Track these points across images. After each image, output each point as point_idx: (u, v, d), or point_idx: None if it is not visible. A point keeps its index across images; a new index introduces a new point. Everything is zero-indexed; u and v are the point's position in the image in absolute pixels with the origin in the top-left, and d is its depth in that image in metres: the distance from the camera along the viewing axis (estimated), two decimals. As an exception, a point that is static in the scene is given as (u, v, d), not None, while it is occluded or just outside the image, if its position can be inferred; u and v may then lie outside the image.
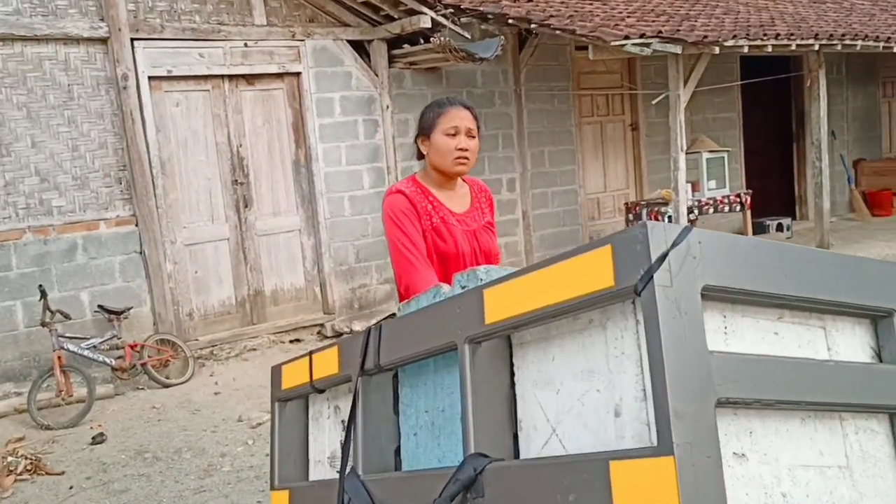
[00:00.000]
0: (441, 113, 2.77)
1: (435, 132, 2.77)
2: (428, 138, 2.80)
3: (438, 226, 2.79)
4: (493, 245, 2.95)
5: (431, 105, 2.86)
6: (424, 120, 2.82)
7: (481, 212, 2.95)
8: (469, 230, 2.86)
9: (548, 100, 9.47)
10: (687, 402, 1.26)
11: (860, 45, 9.14)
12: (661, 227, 1.33)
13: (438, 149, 2.77)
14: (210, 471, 4.99)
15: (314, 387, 2.27)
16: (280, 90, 7.70)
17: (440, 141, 2.76)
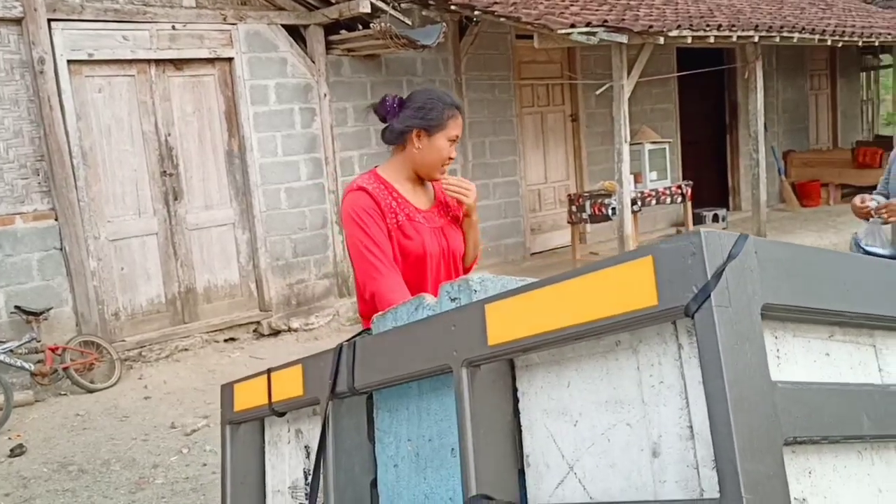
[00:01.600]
0: (452, 116, 2.56)
1: (439, 134, 2.55)
2: (429, 136, 2.55)
3: (404, 224, 2.54)
4: (462, 241, 2.73)
5: (439, 100, 2.58)
6: (433, 116, 2.54)
7: (447, 206, 2.72)
8: (436, 227, 2.64)
9: (488, 89, 9.27)
10: (754, 445, 1.05)
11: (797, 38, 9.21)
12: (717, 236, 1.11)
13: (434, 151, 2.56)
14: (142, 484, 4.65)
15: (274, 409, 2.00)
16: (211, 76, 7.29)
17: (441, 145, 2.56)
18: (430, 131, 2.53)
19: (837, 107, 14.98)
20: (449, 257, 2.66)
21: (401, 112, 2.58)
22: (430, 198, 2.70)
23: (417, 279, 2.53)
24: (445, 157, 2.58)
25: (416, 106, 2.56)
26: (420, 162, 2.58)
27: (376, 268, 2.44)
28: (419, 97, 2.59)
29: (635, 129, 9.84)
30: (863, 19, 11.94)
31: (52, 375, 6.15)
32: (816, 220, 12.04)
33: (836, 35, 9.78)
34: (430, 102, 2.55)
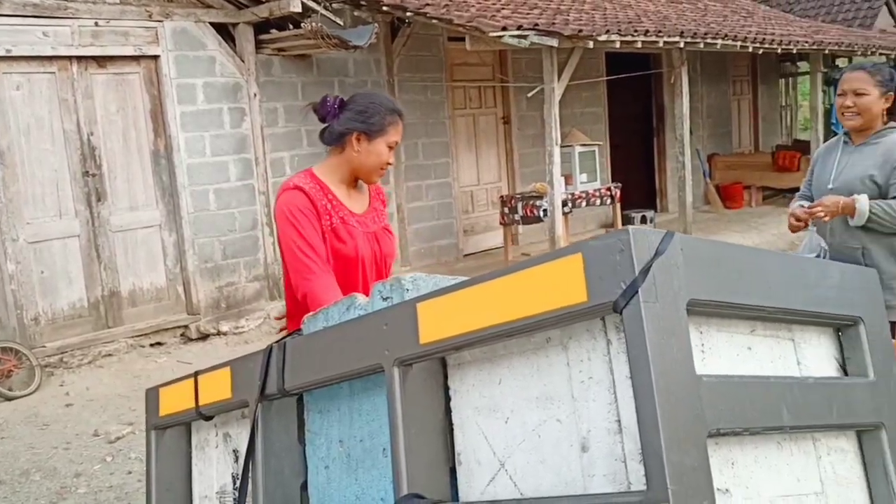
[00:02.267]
0: (393, 122, 2.56)
1: (380, 139, 2.54)
2: (369, 140, 2.53)
3: (337, 226, 2.52)
4: (394, 249, 2.74)
5: (380, 105, 2.57)
6: (375, 121, 2.53)
7: (380, 214, 2.73)
8: (369, 232, 2.63)
9: (421, 91, 9.27)
10: (679, 438, 1.08)
11: (720, 44, 9.46)
12: (644, 233, 1.13)
13: (373, 155, 2.55)
14: (63, 493, 4.49)
15: (201, 413, 1.96)
16: (136, 74, 7.10)
17: (380, 149, 2.55)
18: (371, 136, 2.52)
19: (758, 112, 15.46)
20: (381, 262, 2.66)
21: (341, 114, 2.56)
22: (365, 202, 2.70)
23: (348, 283, 2.51)
24: (384, 161, 2.57)
25: (357, 109, 2.54)
26: (358, 165, 2.56)
27: (309, 268, 2.41)
28: (361, 100, 2.57)
29: (566, 131, 9.97)
30: (782, 27, 12.35)
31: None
32: (739, 221, 12.38)
33: (756, 42, 10.09)
34: (373, 107, 2.54)
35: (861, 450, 1.48)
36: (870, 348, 1.48)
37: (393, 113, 2.56)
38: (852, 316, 1.48)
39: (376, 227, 2.68)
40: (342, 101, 2.59)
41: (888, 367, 1.51)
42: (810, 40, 11.41)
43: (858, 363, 1.49)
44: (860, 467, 1.47)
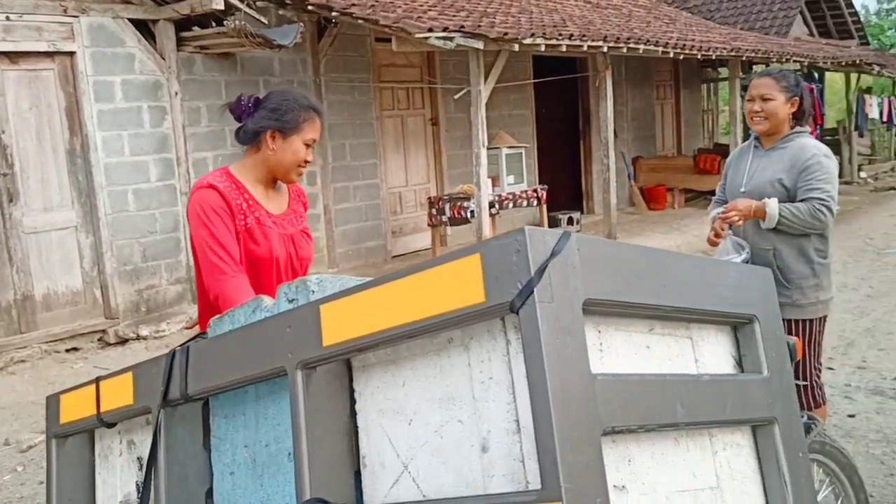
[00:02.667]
0: (309, 119, 2.52)
1: (295, 136, 2.50)
2: (284, 138, 2.49)
3: (252, 227, 2.47)
4: (311, 252, 2.69)
5: (295, 102, 2.53)
6: (289, 118, 2.49)
7: (298, 216, 2.68)
8: (286, 234, 2.58)
9: (348, 91, 9.21)
10: (573, 437, 1.09)
11: (643, 49, 9.66)
12: (540, 234, 1.14)
13: (289, 153, 2.51)
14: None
15: (103, 420, 1.90)
16: (50, 71, 6.87)
17: (296, 147, 2.51)
18: (285, 133, 2.48)
19: (681, 116, 15.86)
20: (296, 265, 2.61)
21: (256, 112, 2.52)
22: (284, 203, 2.65)
23: (261, 285, 2.47)
24: (301, 159, 2.53)
25: (271, 107, 2.50)
26: (274, 163, 2.52)
27: (222, 269, 2.36)
28: (275, 98, 2.54)
29: (493, 133, 10.04)
30: (702, 34, 12.69)
31: None
32: (663, 222, 12.66)
33: (677, 48, 10.34)
34: (287, 104, 2.51)
35: (756, 444, 1.52)
36: (764, 346, 1.53)
37: (309, 110, 2.52)
38: (748, 314, 1.52)
39: (294, 229, 2.63)
40: (257, 100, 2.54)
41: (782, 363, 1.56)
42: (728, 47, 11.75)
43: (753, 360, 1.53)
44: (755, 461, 1.51)
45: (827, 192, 3.27)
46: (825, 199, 3.25)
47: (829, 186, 3.29)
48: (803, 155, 3.33)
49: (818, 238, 3.37)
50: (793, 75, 3.43)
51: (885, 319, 6.64)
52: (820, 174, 3.29)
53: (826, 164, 3.32)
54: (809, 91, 3.42)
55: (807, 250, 3.36)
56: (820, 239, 3.38)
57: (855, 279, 8.28)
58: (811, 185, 3.28)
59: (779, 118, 3.37)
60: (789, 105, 3.35)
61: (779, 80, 3.37)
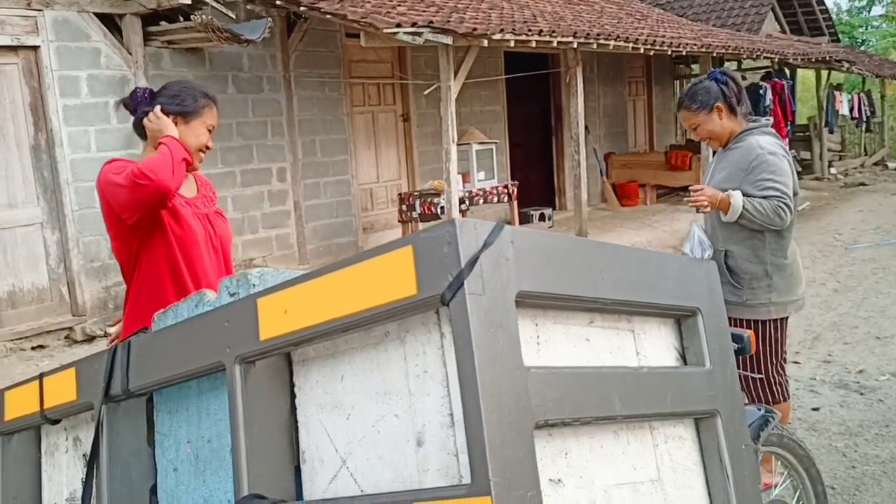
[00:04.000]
0: (208, 105, 2.64)
1: (196, 121, 2.60)
2: (185, 122, 2.57)
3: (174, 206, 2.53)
4: (229, 232, 2.81)
5: (193, 89, 2.64)
6: (189, 102, 2.58)
7: (209, 199, 2.80)
8: (200, 213, 2.68)
9: (318, 87, 9.16)
10: (504, 430, 1.08)
11: (613, 45, 9.70)
12: (472, 225, 1.13)
13: (192, 137, 2.60)
14: None
15: (46, 417, 1.87)
16: (14, 66, 6.76)
17: (200, 131, 2.62)
18: (187, 117, 2.57)
19: (653, 112, 15.95)
20: (216, 244, 2.72)
21: (151, 101, 2.58)
22: (194, 188, 2.76)
23: (190, 264, 2.57)
24: (203, 143, 2.63)
25: (170, 94, 2.58)
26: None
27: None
28: (174, 86, 2.63)
29: (464, 129, 10.04)
30: (673, 30, 12.76)
31: None
32: (635, 218, 12.73)
33: (648, 44, 10.39)
34: (186, 90, 2.60)
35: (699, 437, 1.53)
36: (707, 338, 1.53)
37: (206, 97, 2.64)
38: (690, 307, 1.52)
39: (207, 209, 2.73)
40: (152, 92, 2.63)
41: (725, 356, 1.57)
42: (699, 43, 11.83)
43: (696, 352, 1.53)
44: (697, 454, 1.52)
45: (781, 191, 3.27)
46: (782, 196, 3.25)
47: (780, 184, 3.29)
48: (748, 157, 3.33)
49: (773, 237, 3.35)
50: (701, 88, 3.41)
51: (850, 314, 6.72)
52: (767, 173, 3.29)
53: (772, 162, 3.31)
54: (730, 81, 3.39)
55: (760, 251, 3.36)
56: (775, 238, 3.36)
57: (823, 274, 8.38)
58: (764, 185, 3.28)
59: (717, 132, 3.40)
60: (716, 114, 3.36)
61: (690, 105, 3.41)
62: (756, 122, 3.43)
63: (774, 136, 3.45)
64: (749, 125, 3.41)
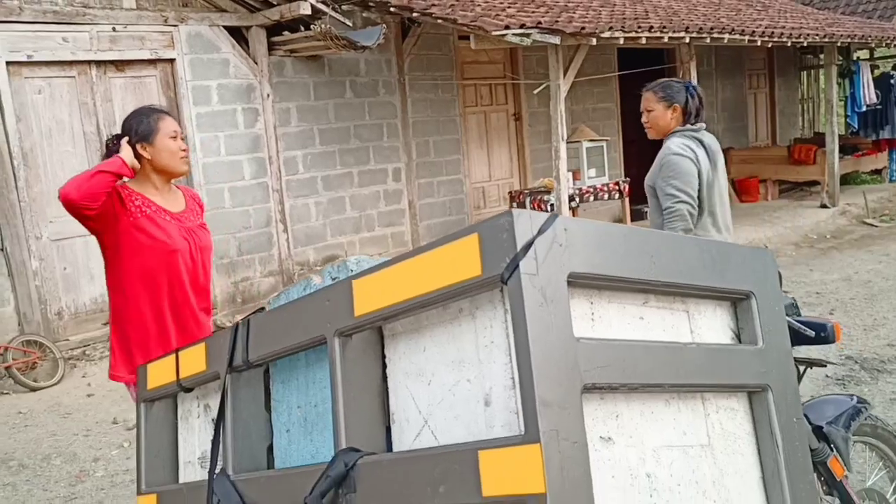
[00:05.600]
0: (159, 118, 2.92)
1: (158, 136, 2.89)
2: (151, 144, 2.88)
3: (142, 220, 2.86)
4: (209, 242, 3.12)
5: (139, 114, 2.94)
6: (142, 127, 2.88)
7: (196, 213, 3.10)
8: (185, 227, 2.99)
9: (432, 89, 9.47)
10: (553, 390, 1.26)
11: (727, 39, 9.54)
12: (528, 215, 1.31)
13: (165, 151, 2.90)
14: (82, 477, 4.74)
15: (181, 385, 2.17)
16: (153, 77, 7.38)
17: (165, 143, 2.90)
18: (149, 138, 2.88)
19: (776, 105, 15.45)
20: (196, 253, 3.01)
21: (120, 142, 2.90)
22: (181, 203, 3.08)
23: (171, 273, 2.91)
24: (176, 150, 2.92)
25: (127, 128, 2.91)
26: (160, 166, 2.92)
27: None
28: (127, 121, 2.94)
29: (575, 127, 10.11)
30: (795, 20, 12.36)
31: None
32: (754, 214, 12.41)
33: (765, 36, 10.14)
34: (136, 118, 2.91)
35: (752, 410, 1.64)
36: (761, 319, 1.65)
37: (153, 112, 2.94)
38: (745, 291, 1.65)
39: (192, 223, 3.04)
40: (118, 135, 2.94)
41: (779, 336, 1.68)
42: (822, 33, 11.42)
43: (750, 332, 1.65)
44: (750, 425, 1.64)
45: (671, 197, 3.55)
46: (670, 206, 3.54)
47: (672, 188, 3.55)
48: (661, 155, 3.64)
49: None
50: (675, 85, 3.73)
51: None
52: (664, 176, 3.60)
53: (671, 163, 3.59)
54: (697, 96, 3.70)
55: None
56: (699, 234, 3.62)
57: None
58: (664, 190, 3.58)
59: (660, 125, 3.72)
60: (670, 111, 3.68)
61: (657, 91, 3.74)
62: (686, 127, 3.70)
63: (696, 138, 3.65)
64: (679, 127, 3.70)
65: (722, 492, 1.52)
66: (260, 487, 1.81)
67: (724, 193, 3.81)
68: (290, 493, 1.65)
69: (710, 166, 3.65)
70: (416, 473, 1.41)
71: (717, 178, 3.72)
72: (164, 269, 2.90)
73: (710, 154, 3.68)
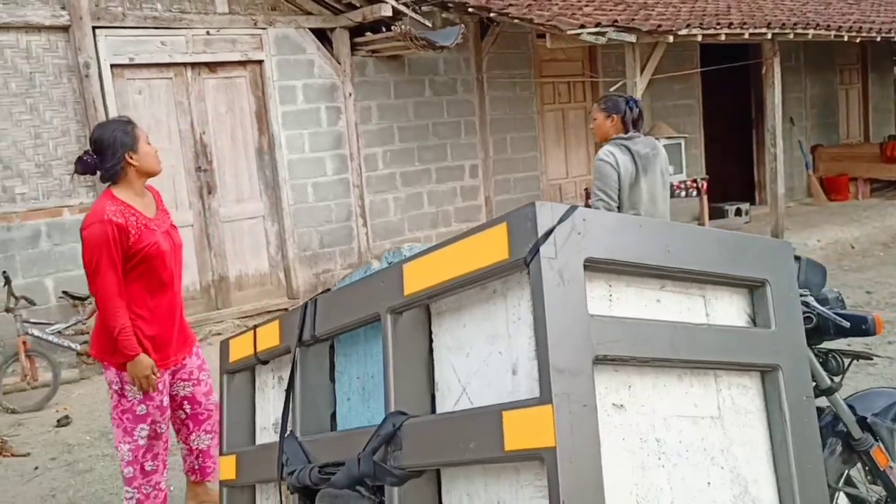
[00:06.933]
0: (135, 128, 3.32)
1: (140, 143, 3.28)
2: (136, 151, 3.26)
3: (143, 232, 3.24)
4: (181, 239, 3.54)
5: (114, 127, 3.29)
6: (127, 138, 3.24)
7: (165, 214, 3.47)
8: (164, 231, 3.38)
9: (510, 87, 9.63)
10: (566, 359, 1.44)
11: (812, 34, 9.38)
12: (549, 207, 1.50)
13: (148, 156, 3.31)
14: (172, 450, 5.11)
15: (258, 358, 2.43)
16: (243, 78, 7.79)
17: (147, 149, 3.31)
18: (134, 146, 3.26)
19: (869, 101, 14.97)
20: (177, 251, 3.44)
21: (102, 157, 3.25)
22: (153, 207, 3.42)
23: (162, 272, 3.33)
24: (154, 152, 3.35)
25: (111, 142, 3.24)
26: (146, 169, 3.31)
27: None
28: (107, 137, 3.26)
29: (652, 124, 10.11)
30: (889, 14, 11.99)
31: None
32: (842, 213, 12.11)
33: (853, 31, 9.92)
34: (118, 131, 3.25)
35: (764, 388, 1.78)
36: (775, 304, 1.78)
37: (127, 124, 3.32)
38: (760, 278, 1.78)
39: (167, 225, 3.42)
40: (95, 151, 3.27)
41: (792, 321, 1.81)
42: (916, 27, 11.07)
43: (764, 317, 1.79)
44: (761, 401, 1.77)
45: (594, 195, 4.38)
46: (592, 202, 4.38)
47: (595, 188, 4.36)
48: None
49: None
50: (616, 100, 4.49)
51: None
52: (595, 179, 4.36)
53: (596, 167, 4.36)
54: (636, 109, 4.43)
55: None
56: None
57: None
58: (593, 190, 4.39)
59: (602, 132, 4.47)
60: (609, 121, 4.41)
61: (601, 104, 4.52)
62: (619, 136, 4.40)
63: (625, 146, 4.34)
64: (614, 136, 4.40)
65: (730, 459, 1.67)
66: (321, 447, 2.05)
67: (655, 193, 4.48)
68: (346, 451, 1.88)
69: (635, 170, 4.34)
70: (450, 432, 1.62)
71: (645, 180, 4.39)
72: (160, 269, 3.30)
73: (638, 159, 4.34)
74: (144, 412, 3.38)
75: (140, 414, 3.37)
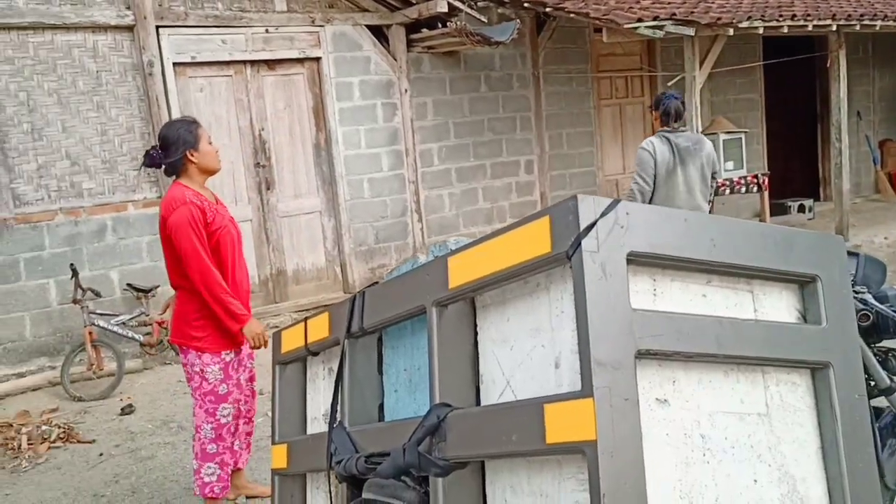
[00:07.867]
0: (198, 127, 3.58)
1: (201, 142, 3.55)
2: (197, 148, 3.53)
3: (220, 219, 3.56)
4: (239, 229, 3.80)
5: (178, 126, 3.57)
6: (189, 137, 3.51)
7: (224, 208, 3.73)
8: (229, 217, 3.68)
9: (566, 82, 9.57)
10: (608, 352, 1.44)
11: (879, 26, 9.10)
12: (592, 200, 1.50)
13: (208, 155, 3.58)
14: (231, 439, 5.23)
15: (309, 350, 2.48)
16: (300, 75, 7.90)
17: (208, 148, 3.59)
18: (196, 145, 3.53)
19: (942, 94, 14.44)
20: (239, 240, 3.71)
21: (167, 152, 3.52)
22: (213, 198, 3.69)
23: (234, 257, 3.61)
24: (214, 151, 3.61)
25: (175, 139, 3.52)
26: (205, 166, 3.58)
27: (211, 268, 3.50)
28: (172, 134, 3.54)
29: (712, 118, 9.93)
30: (963, 3, 11.54)
31: (158, 346, 6.87)
32: (909, 210, 11.75)
33: (924, 21, 9.58)
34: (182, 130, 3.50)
35: (814, 385, 1.74)
36: (825, 301, 1.74)
37: (191, 123, 3.58)
38: (811, 274, 1.75)
39: (228, 212, 3.71)
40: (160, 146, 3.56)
41: (844, 318, 1.76)
42: None
43: (814, 313, 1.75)
44: (811, 399, 1.74)
45: (633, 179, 4.99)
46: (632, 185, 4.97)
47: (635, 175, 4.97)
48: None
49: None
50: (658, 97, 5.19)
51: None
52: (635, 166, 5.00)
53: (637, 154, 4.98)
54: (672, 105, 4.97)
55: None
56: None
57: None
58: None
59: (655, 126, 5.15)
60: (653, 116, 5.16)
61: (653, 104, 5.21)
62: (663, 129, 5.01)
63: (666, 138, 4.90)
64: (660, 128, 5.04)
65: (777, 457, 1.65)
66: (369, 437, 2.08)
67: (693, 185, 4.88)
68: (392, 442, 1.91)
69: (673, 160, 4.81)
70: (493, 424, 1.63)
71: (683, 171, 4.83)
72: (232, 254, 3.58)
73: (677, 151, 4.84)
74: (226, 391, 3.58)
75: (222, 394, 3.58)
